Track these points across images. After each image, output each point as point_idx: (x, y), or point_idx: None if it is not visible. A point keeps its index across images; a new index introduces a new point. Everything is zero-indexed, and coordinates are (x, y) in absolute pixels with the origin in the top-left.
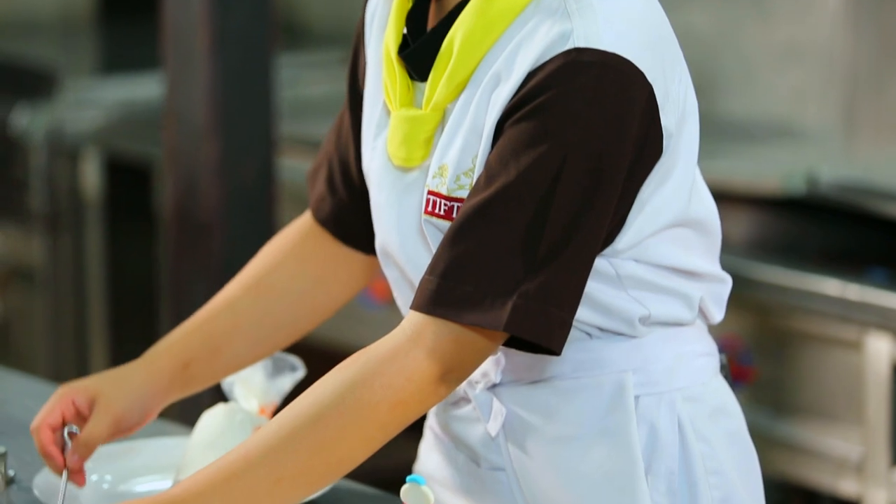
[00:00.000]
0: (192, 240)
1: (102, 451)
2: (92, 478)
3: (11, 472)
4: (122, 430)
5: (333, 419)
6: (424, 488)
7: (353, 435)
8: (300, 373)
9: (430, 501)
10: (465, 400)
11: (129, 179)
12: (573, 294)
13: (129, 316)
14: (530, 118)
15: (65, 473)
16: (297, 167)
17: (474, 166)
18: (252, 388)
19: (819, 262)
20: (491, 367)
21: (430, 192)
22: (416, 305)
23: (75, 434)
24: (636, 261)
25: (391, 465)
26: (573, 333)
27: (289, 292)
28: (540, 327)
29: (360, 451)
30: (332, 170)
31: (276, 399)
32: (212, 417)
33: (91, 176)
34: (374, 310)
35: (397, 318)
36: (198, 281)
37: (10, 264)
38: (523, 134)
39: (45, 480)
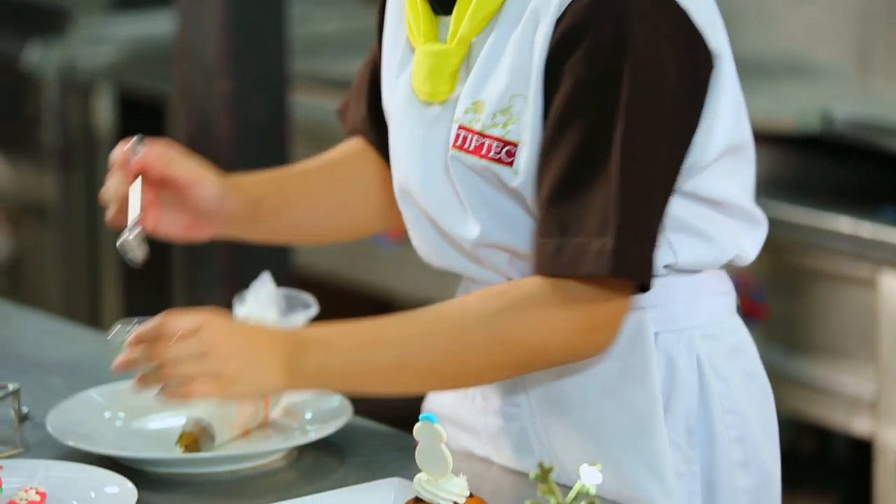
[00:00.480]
0: None
1: (116, 388)
2: (105, 414)
3: (25, 409)
4: (193, 175)
5: (478, 335)
6: (437, 426)
7: (489, 356)
8: (313, 310)
9: (442, 439)
10: None
11: (141, 116)
12: (659, 227)
13: None
14: (584, 62)
15: (139, 180)
16: (310, 104)
17: (510, 105)
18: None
19: (832, 200)
20: None
21: (461, 127)
22: (539, 270)
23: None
24: (685, 196)
25: (404, 403)
26: None
27: (355, 182)
28: (638, 267)
29: (486, 375)
30: (372, 103)
31: None
32: None
33: (103, 112)
34: (390, 248)
35: (412, 256)
36: None
37: (23, 200)
38: (582, 77)
39: (59, 417)
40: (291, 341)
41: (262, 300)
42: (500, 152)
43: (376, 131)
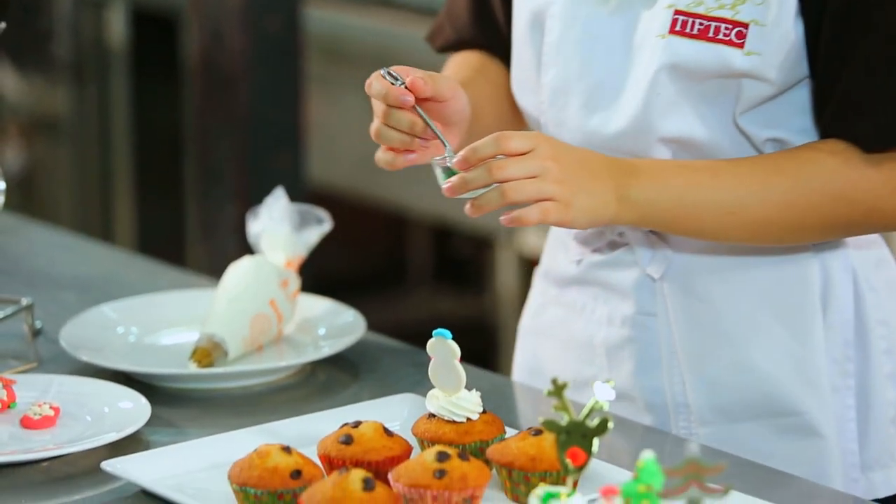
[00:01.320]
0: (218, 91)
1: (129, 303)
2: (118, 330)
3: (38, 324)
4: (453, 89)
5: (815, 190)
6: (451, 342)
7: (823, 214)
8: (326, 226)
9: (456, 355)
10: (617, 244)
11: (154, 29)
12: None
13: (153, 166)
14: None
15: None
16: (323, 17)
17: None
18: (278, 241)
19: None
20: None
21: (677, 12)
22: (870, 148)
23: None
24: None
25: (416, 318)
26: None
27: (503, 91)
28: None
29: (815, 232)
30: (485, 17)
31: (303, 252)
32: (238, 270)
33: (117, 25)
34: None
35: (426, 171)
36: (224, 132)
37: (35, 114)
38: None
39: (72, 332)
40: (623, 169)
41: (275, 216)
42: (729, 34)
43: (499, 45)
